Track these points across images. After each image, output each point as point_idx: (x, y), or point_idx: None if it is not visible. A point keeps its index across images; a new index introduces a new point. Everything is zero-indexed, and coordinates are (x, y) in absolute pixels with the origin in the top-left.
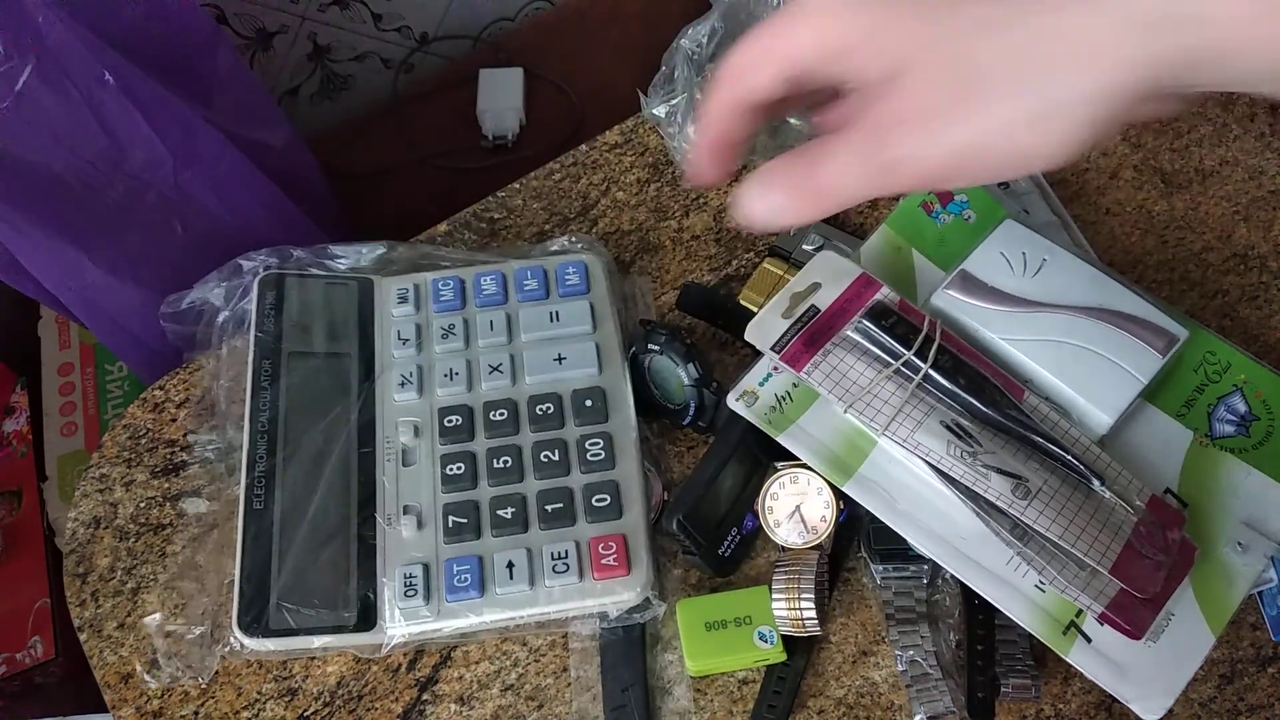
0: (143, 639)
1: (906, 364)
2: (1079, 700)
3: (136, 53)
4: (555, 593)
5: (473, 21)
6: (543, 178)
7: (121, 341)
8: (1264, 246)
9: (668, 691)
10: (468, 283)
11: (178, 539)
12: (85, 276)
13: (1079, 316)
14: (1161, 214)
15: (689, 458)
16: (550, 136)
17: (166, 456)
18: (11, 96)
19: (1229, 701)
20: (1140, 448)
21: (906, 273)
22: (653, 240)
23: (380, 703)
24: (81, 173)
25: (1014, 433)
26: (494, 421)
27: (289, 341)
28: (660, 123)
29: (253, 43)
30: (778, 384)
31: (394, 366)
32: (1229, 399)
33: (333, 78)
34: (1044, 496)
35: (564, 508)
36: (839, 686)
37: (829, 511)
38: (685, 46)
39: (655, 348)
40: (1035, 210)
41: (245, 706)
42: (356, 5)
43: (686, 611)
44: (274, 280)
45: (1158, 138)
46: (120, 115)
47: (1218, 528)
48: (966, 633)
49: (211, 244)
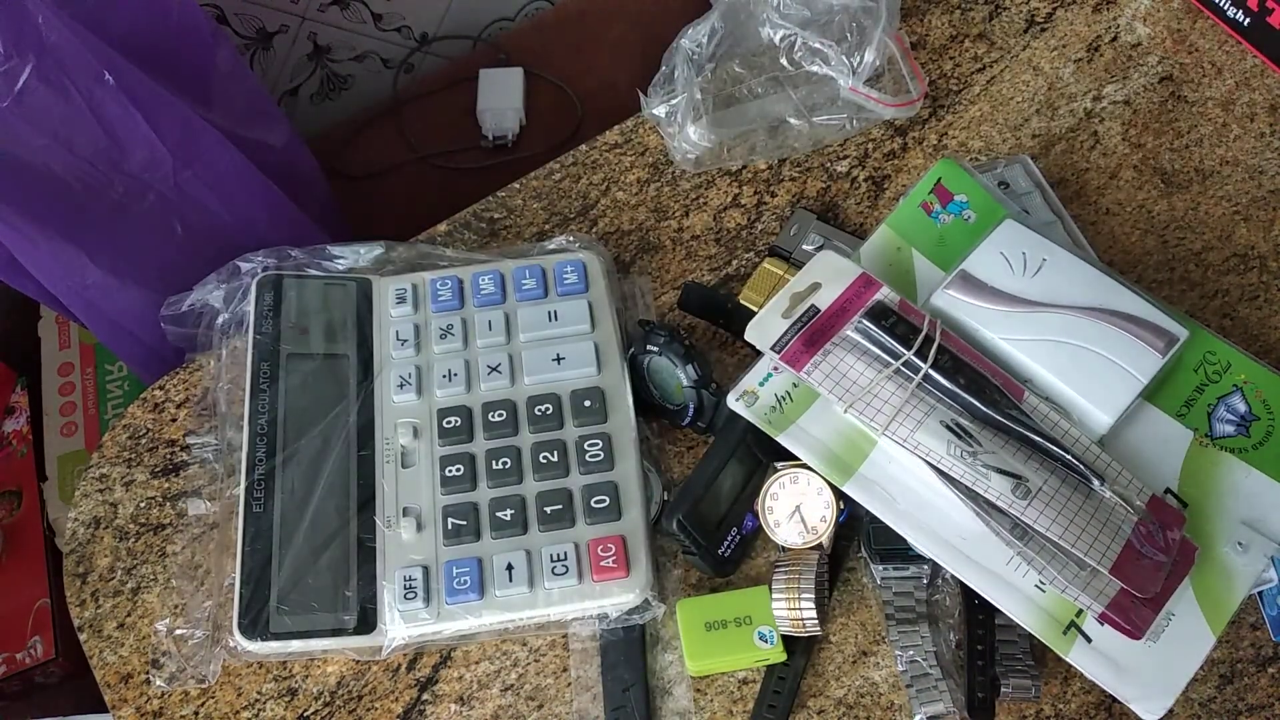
0: (143, 639)
1: (906, 364)
2: (1079, 700)
3: (136, 53)
4: (554, 595)
5: (473, 21)
6: (543, 178)
7: (121, 342)
8: (1264, 246)
9: (668, 691)
10: (466, 282)
11: (178, 539)
12: (85, 276)
13: (1079, 316)
14: (1161, 214)
15: (689, 458)
16: (550, 136)
17: (166, 456)
18: (11, 96)
19: (1229, 701)
20: (1140, 448)
21: (906, 273)
22: (653, 240)
23: (380, 703)
24: (81, 173)
25: (1014, 433)
26: (493, 422)
27: (287, 343)
28: (660, 123)
29: (253, 43)
30: (778, 384)
31: (392, 367)
32: (1229, 399)
33: (333, 78)
34: (1044, 496)
35: (563, 509)
36: (839, 686)
37: (829, 511)
38: (685, 46)
39: (655, 348)
40: (1035, 210)
41: (245, 706)
42: (356, 5)
43: (686, 611)
44: (272, 281)
45: (1158, 138)
46: (120, 115)
47: (1218, 528)
48: (966, 633)
49: (211, 244)
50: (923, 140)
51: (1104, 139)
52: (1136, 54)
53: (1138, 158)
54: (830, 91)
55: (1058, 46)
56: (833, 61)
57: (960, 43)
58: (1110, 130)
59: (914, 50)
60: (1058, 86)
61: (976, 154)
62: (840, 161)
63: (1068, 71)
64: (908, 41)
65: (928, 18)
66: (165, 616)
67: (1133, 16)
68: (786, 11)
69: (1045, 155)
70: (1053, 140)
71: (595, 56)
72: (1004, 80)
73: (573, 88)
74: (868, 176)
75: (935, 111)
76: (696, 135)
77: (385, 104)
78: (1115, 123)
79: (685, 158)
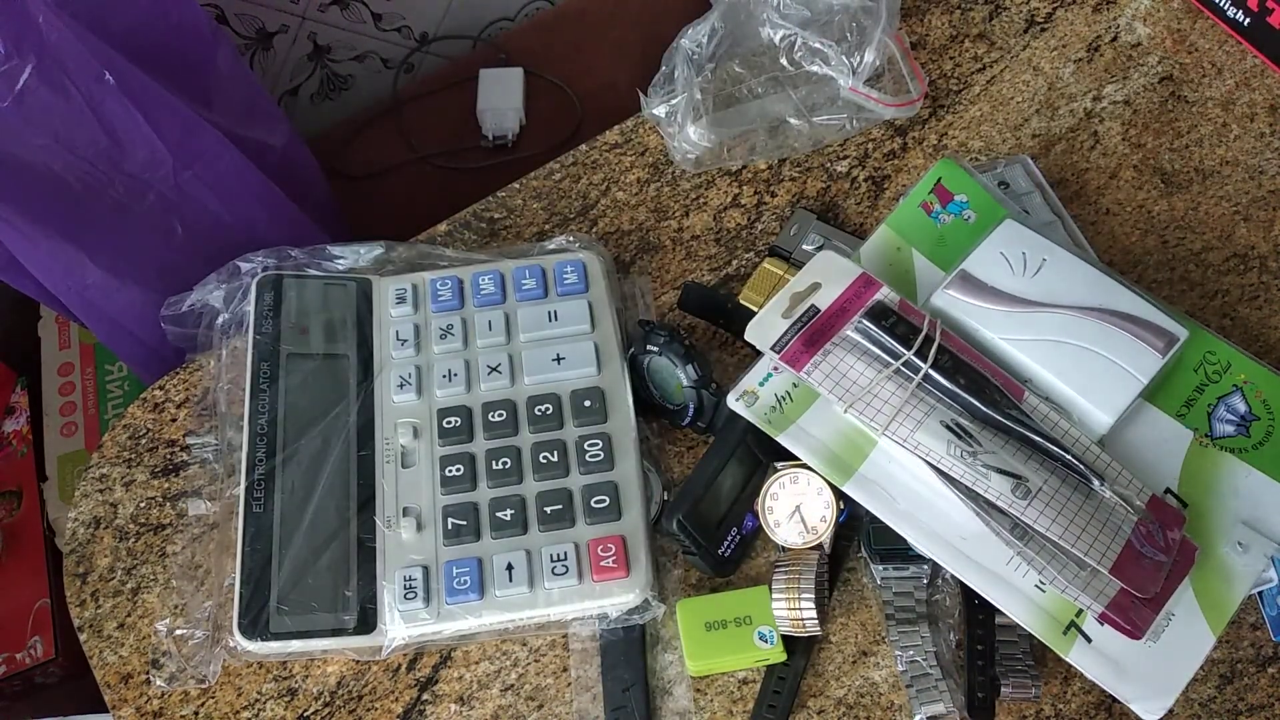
0: (143, 639)
1: (906, 364)
2: (1079, 700)
3: (136, 53)
4: (554, 595)
5: (473, 21)
6: (543, 178)
7: (121, 342)
8: (1264, 246)
9: (668, 691)
10: (466, 282)
11: (178, 539)
12: (85, 276)
13: (1079, 316)
14: (1161, 214)
15: (689, 458)
16: (550, 136)
17: (166, 456)
18: (11, 96)
19: (1229, 701)
20: (1140, 448)
21: (906, 273)
22: (653, 240)
23: (380, 703)
24: (81, 173)
25: (1014, 433)
26: (493, 422)
27: (287, 343)
28: (660, 123)
29: (253, 43)
30: (778, 384)
31: (392, 367)
32: (1229, 399)
33: (333, 78)
34: (1044, 496)
35: (563, 509)
36: (839, 686)
37: (829, 511)
38: (685, 46)
39: (654, 348)
40: (1035, 210)
41: (245, 706)
42: (356, 5)
43: (686, 611)
44: (272, 282)
45: (1158, 138)
46: (120, 115)
47: (1218, 528)
48: (966, 633)
49: (211, 244)
50: (923, 140)
51: (1104, 139)
52: (1136, 54)
53: (1138, 158)
54: (830, 91)
55: (1058, 46)
56: (833, 61)
57: (960, 43)
58: (1110, 130)
59: (914, 50)
60: (1058, 86)
61: (976, 154)
62: (840, 161)
63: (1068, 71)
64: (908, 41)
65: (928, 18)
66: (165, 616)
67: (1133, 16)
68: (786, 11)
69: (1045, 155)
70: (1053, 140)
71: (595, 56)
72: (1004, 80)
73: (573, 88)
74: (868, 176)
75: (935, 111)
76: (696, 135)
77: (385, 104)
78: (1115, 123)
79: (685, 158)
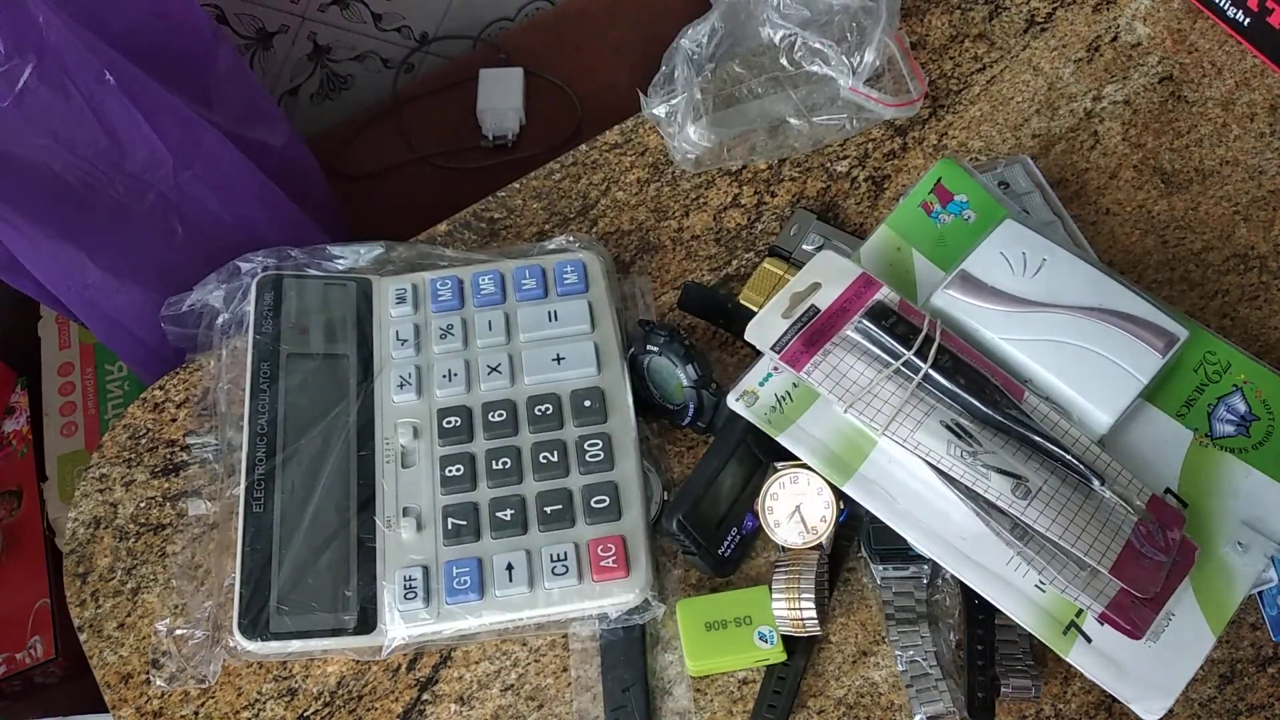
0: (143, 639)
1: (906, 364)
2: (1079, 700)
3: (136, 53)
4: (554, 595)
5: (473, 21)
6: (543, 178)
7: (121, 342)
8: (1264, 246)
9: (668, 691)
10: (466, 282)
11: (178, 539)
12: (85, 276)
13: (1079, 316)
14: (1161, 214)
15: (689, 458)
16: (550, 136)
17: (166, 456)
18: (12, 96)
19: (1229, 701)
20: (1140, 448)
21: (906, 273)
22: (653, 240)
23: (380, 703)
24: (81, 173)
25: (1014, 433)
26: (493, 422)
27: (287, 343)
28: (660, 123)
29: (253, 43)
30: (778, 384)
31: (392, 367)
32: (1229, 399)
33: (333, 78)
34: (1044, 496)
35: (563, 509)
36: (839, 686)
37: (829, 511)
38: (685, 46)
39: (654, 348)
40: (1035, 210)
41: (245, 706)
42: (356, 5)
43: (686, 611)
44: (271, 282)
45: (1158, 138)
46: (120, 115)
47: (1218, 528)
48: (966, 633)
49: (211, 244)
50: (923, 140)
51: (1104, 139)
52: (1136, 54)
53: (1138, 158)
54: (830, 91)
55: (1058, 46)
56: (833, 61)
57: (960, 43)
58: (1110, 130)
59: (914, 50)
60: (1058, 86)
61: (976, 154)
62: (840, 161)
63: (1068, 71)
64: (908, 41)
65: (928, 18)
66: (165, 616)
67: (1133, 16)
68: (786, 11)
69: (1045, 155)
70: (1053, 140)
71: (595, 56)
72: (1004, 80)
73: (573, 88)
74: (868, 176)
75: (935, 111)
76: (696, 135)
77: (385, 104)
78: (1115, 123)
79: (685, 158)
